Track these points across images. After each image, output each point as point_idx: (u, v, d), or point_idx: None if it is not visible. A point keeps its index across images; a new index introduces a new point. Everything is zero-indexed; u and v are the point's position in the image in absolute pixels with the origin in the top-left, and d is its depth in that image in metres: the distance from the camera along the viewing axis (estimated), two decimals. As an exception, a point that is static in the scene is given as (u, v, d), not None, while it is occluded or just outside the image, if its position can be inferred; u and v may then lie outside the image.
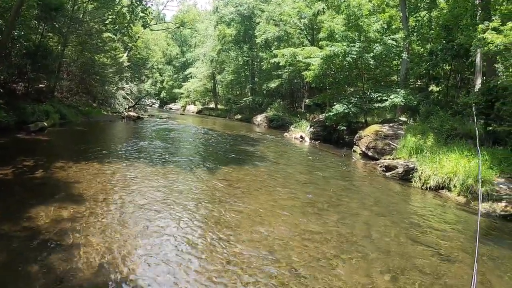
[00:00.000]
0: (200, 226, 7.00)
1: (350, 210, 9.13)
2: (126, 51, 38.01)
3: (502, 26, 12.01)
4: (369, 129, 19.43)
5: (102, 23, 27.28)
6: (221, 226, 7.08)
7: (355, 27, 21.92)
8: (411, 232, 7.94)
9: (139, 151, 14.14)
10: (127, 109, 33.69)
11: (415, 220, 8.92)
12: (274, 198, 9.39)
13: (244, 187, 10.11)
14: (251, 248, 6.25)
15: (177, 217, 7.24)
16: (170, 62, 72.82)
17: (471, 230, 8.62)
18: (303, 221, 7.83)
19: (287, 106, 38.16)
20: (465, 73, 22.66)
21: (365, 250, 6.72)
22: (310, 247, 6.54)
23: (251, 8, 40.50)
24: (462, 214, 9.92)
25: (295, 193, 10.20)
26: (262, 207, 8.48)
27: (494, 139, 13.89)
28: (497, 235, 8.60)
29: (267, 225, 7.36)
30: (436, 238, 7.79)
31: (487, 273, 6.39)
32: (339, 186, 11.66)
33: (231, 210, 7.97)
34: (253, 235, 6.80)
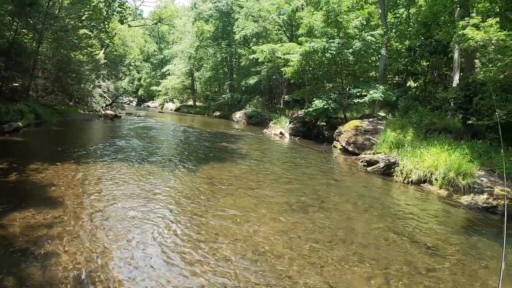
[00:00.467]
0: (183, 230, 6.70)
1: (334, 206, 9.06)
2: (102, 48, 37.27)
3: (482, 22, 12.11)
4: (348, 124, 19.51)
5: (78, 19, 26.51)
6: (205, 228, 6.85)
7: (334, 24, 21.98)
8: (397, 227, 7.94)
9: (118, 151, 13.72)
10: (104, 108, 33.06)
11: (399, 214, 8.95)
12: (257, 196, 9.20)
13: (226, 186, 9.87)
14: (237, 251, 6.03)
15: (159, 222, 6.91)
16: (148, 59, 71.90)
17: (455, 223, 8.72)
18: (289, 219, 7.72)
19: (266, 103, 38.06)
20: (443, 69, 22.97)
21: (352, 247, 6.67)
22: (297, 245, 6.45)
23: (229, 4, 40.24)
24: (445, 207, 10.01)
25: (279, 191, 10.04)
26: (246, 206, 8.29)
27: (473, 133, 14.08)
28: (481, 227, 8.68)
29: (252, 224, 7.19)
30: (422, 231, 7.81)
31: (474, 265, 6.42)
32: (322, 182, 11.58)
33: (214, 212, 7.71)
34: (239, 236, 6.60)
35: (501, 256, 5.96)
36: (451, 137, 14.20)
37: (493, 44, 11.75)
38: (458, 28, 13.22)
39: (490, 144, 12.61)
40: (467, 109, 14.31)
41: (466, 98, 14.33)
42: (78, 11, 25.82)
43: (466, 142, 13.11)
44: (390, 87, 23.05)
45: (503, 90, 13.55)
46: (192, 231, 6.64)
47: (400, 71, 25.22)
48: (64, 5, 25.43)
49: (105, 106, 33.94)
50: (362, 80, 24.49)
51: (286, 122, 26.72)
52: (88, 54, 28.97)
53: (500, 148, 11.93)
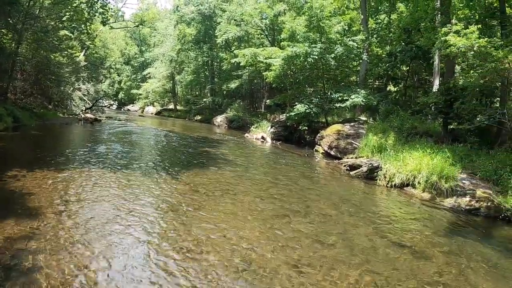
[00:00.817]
0: (166, 240, 6.50)
1: (319, 211, 9.00)
2: (83, 50, 36.64)
3: (464, 29, 12.31)
4: (330, 128, 19.55)
5: (59, 19, 26.03)
6: (188, 237, 6.70)
7: (316, 28, 22.10)
8: (382, 231, 7.95)
9: (98, 157, 13.40)
10: (84, 111, 32.46)
11: (384, 218, 8.98)
12: (241, 203, 9.09)
13: (208, 193, 9.66)
14: (222, 260, 5.90)
15: (142, 230, 6.71)
16: (129, 62, 71.05)
17: (440, 226, 8.79)
18: (273, 225, 7.62)
19: (247, 107, 38.03)
20: (423, 74, 23.31)
21: (338, 251, 6.65)
22: (282, 253, 6.37)
23: (212, 8, 40.10)
24: (429, 210, 10.10)
25: (262, 197, 9.89)
26: (229, 213, 8.16)
27: (453, 136, 14.27)
28: (465, 229, 8.79)
29: (236, 231, 7.07)
30: (407, 235, 7.85)
31: (461, 267, 6.46)
32: (305, 187, 11.53)
33: (197, 221, 7.52)
34: (223, 244, 6.46)
35: (486, 256, 6.03)
36: (432, 140, 14.37)
37: (474, 51, 11.91)
38: (440, 35, 13.40)
39: (470, 147, 12.82)
40: (448, 113, 14.50)
41: (447, 103, 14.54)
42: (59, 11, 25.32)
43: (447, 145, 13.27)
44: (371, 91, 23.29)
45: (483, 95, 13.78)
46: (175, 240, 6.49)
47: (381, 76, 25.52)
48: (45, 5, 24.91)
49: (85, 110, 33.33)
50: (344, 85, 24.63)
51: (267, 126, 26.65)
52: (68, 56, 28.38)
53: (480, 151, 12.23)
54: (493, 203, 9.88)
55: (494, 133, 13.41)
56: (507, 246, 7.99)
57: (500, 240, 8.51)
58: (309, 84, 26.12)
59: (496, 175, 10.72)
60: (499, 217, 9.70)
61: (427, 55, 18.44)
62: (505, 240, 8.48)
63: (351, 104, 20.37)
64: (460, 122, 14.32)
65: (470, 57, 12.65)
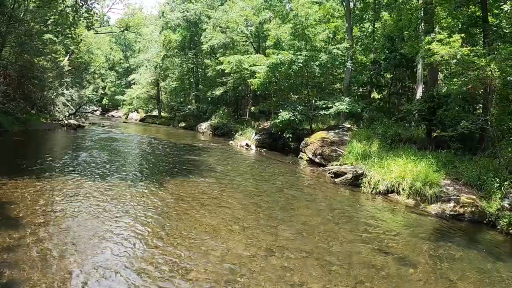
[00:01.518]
0: (149, 251, 6.34)
1: (304, 219, 8.94)
2: (67, 54, 36.07)
3: (448, 38, 12.41)
4: (315, 135, 19.55)
5: (43, 23, 25.58)
6: (173, 249, 6.52)
7: (301, 36, 22.14)
8: (367, 238, 7.90)
9: (80, 165, 13.03)
10: (67, 117, 31.94)
11: (369, 225, 8.92)
12: (225, 212, 8.93)
13: (193, 202, 9.49)
14: (206, 273, 5.74)
15: (125, 242, 6.52)
16: (113, 68, 70.35)
17: (425, 231, 8.78)
18: (259, 235, 7.50)
19: (232, 114, 37.85)
20: (406, 81, 23.53)
21: (325, 259, 6.56)
22: (269, 263, 6.26)
23: (198, 14, 39.93)
24: (414, 217, 10.12)
25: (246, 205, 9.80)
26: (214, 222, 8.00)
27: (436, 143, 14.36)
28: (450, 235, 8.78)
29: (222, 242, 6.92)
30: (392, 241, 7.82)
31: (447, 272, 6.42)
32: (290, 195, 11.45)
33: (181, 231, 7.36)
34: (208, 255, 6.32)
35: (472, 261, 5.98)
36: (416, 147, 14.44)
37: (457, 59, 12.01)
38: (424, 43, 13.49)
39: (454, 154, 12.91)
40: (431, 120, 14.60)
41: (430, 110, 14.66)
42: (44, 15, 24.93)
43: (431, 152, 13.35)
44: (355, 99, 23.38)
45: (466, 102, 13.91)
46: (157, 252, 6.34)
47: (365, 83, 25.67)
48: (30, 8, 24.50)
49: (68, 115, 32.80)
50: (328, 92, 24.76)
51: (252, 133, 26.58)
52: (52, 60, 27.94)
53: (463, 157, 12.32)
54: (477, 208, 9.93)
55: (477, 139, 13.51)
56: (492, 251, 8.01)
57: (485, 244, 8.51)
58: (294, 92, 26.19)
59: (479, 181, 10.79)
60: (484, 222, 9.74)
61: (411, 63, 18.63)
62: (490, 245, 8.49)
63: (336, 111, 20.43)
64: (443, 128, 14.43)
65: (453, 65, 12.76)
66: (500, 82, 12.14)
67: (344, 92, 23.66)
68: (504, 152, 11.62)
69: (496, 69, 11.24)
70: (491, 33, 14.94)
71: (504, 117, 12.69)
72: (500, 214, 9.45)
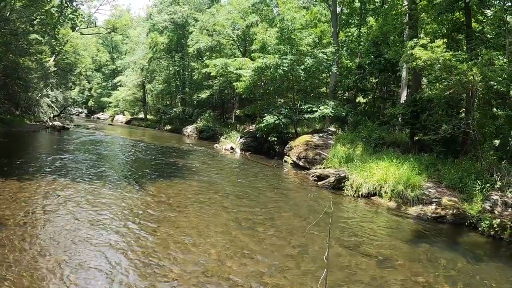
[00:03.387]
0: (132, 253, 6.23)
1: (286, 222, 8.91)
2: (53, 55, 35.60)
3: (431, 43, 12.49)
4: (299, 139, 19.52)
5: (29, 23, 25.17)
6: (155, 248, 6.47)
7: (287, 40, 22.11)
8: (349, 241, 7.88)
9: (64, 166, 12.90)
10: (51, 118, 31.50)
11: (351, 228, 8.91)
12: (209, 214, 8.87)
13: (177, 204, 9.45)
14: (186, 273, 5.68)
15: (107, 243, 6.43)
16: (99, 69, 69.48)
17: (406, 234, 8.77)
18: (241, 237, 7.45)
19: (217, 117, 37.62)
20: (391, 86, 23.65)
21: (304, 261, 6.55)
22: (249, 264, 6.20)
23: (185, 17, 39.70)
24: (396, 219, 10.10)
25: (228, 207, 9.77)
26: (197, 225, 7.94)
27: (420, 146, 14.43)
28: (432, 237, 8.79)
29: (204, 244, 6.86)
30: (374, 244, 7.81)
31: (428, 274, 6.40)
32: (273, 198, 11.41)
33: (164, 233, 7.27)
34: (189, 256, 6.27)
35: (453, 263, 5.92)
36: (399, 150, 14.49)
37: (440, 64, 12.08)
38: (406, 48, 13.55)
39: (436, 157, 13.00)
40: (414, 124, 14.67)
41: (413, 114, 14.75)
42: (30, 14, 24.54)
43: (413, 155, 13.39)
44: (340, 102, 23.47)
45: (449, 106, 13.98)
46: (139, 252, 6.25)
47: (350, 88, 25.76)
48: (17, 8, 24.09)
49: (53, 117, 32.35)
50: (313, 96, 24.81)
51: (237, 137, 26.47)
52: (38, 61, 27.55)
53: (446, 160, 12.39)
54: (459, 210, 9.97)
55: (460, 143, 13.58)
56: (474, 252, 8.05)
57: (466, 246, 8.55)
58: (279, 95, 26.16)
59: (461, 183, 10.86)
60: (465, 224, 9.79)
61: (395, 67, 18.71)
62: (471, 247, 8.53)
63: (320, 115, 20.44)
64: (426, 132, 14.50)
65: (436, 69, 12.84)
66: (482, 87, 12.28)
67: (329, 96, 23.73)
68: (486, 155, 11.76)
69: (478, 73, 11.33)
70: (474, 38, 15.07)
71: (486, 121, 12.83)
72: (481, 216, 9.52)
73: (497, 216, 9.17)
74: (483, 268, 7.06)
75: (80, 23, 34.37)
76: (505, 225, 8.87)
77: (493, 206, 9.49)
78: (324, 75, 25.37)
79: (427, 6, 16.73)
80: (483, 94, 13.14)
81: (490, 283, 6.35)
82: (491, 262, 7.50)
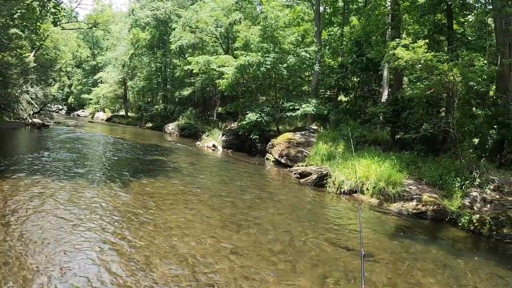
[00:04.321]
0: (114, 250, 6.19)
1: (268, 219, 8.91)
2: (33, 50, 34.86)
3: (413, 44, 12.65)
4: (281, 137, 19.56)
5: (10, 17, 24.59)
6: (135, 247, 6.40)
7: (270, 38, 22.12)
8: (332, 237, 7.92)
9: (44, 164, 12.65)
10: (31, 116, 30.88)
11: (334, 224, 8.96)
12: (191, 213, 8.81)
13: (159, 202, 9.36)
14: (171, 272, 5.62)
15: (87, 243, 6.33)
16: (80, 65, 68.14)
17: (388, 229, 8.86)
18: (223, 234, 7.42)
19: (199, 115, 37.39)
20: (372, 85, 23.92)
21: (288, 257, 6.54)
22: (233, 262, 6.17)
23: (168, 13, 39.27)
24: (377, 215, 10.23)
25: (211, 205, 9.73)
26: (179, 223, 7.87)
27: (400, 144, 14.60)
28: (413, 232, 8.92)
29: (186, 242, 6.82)
30: (356, 239, 7.81)
31: (409, 268, 6.47)
32: (255, 195, 11.39)
33: (146, 232, 7.17)
34: (172, 254, 6.22)
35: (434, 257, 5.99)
36: (381, 149, 14.66)
37: (421, 64, 12.25)
38: (389, 48, 13.70)
39: (417, 155, 13.18)
40: (395, 123, 14.84)
41: (394, 113, 14.92)
42: (11, 8, 23.95)
43: (394, 153, 13.58)
44: (322, 101, 23.64)
45: (429, 105, 14.18)
46: (122, 252, 6.18)
47: (332, 86, 25.98)
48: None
49: (33, 114, 31.69)
50: (295, 94, 24.85)
51: (219, 134, 26.39)
52: (17, 56, 26.94)
53: (426, 158, 12.58)
54: (439, 206, 10.15)
55: (440, 141, 13.79)
56: (454, 247, 8.19)
57: (447, 241, 8.70)
58: (261, 93, 26.20)
59: (441, 180, 11.06)
60: (445, 220, 9.96)
61: (377, 67, 18.89)
62: (452, 241, 8.67)
63: (302, 113, 20.51)
64: (407, 131, 14.69)
65: (418, 69, 13.01)
66: (462, 87, 12.51)
67: (311, 95, 23.85)
68: (465, 153, 12.00)
69: (458, 74, 11.52)
70: (455, 40, 15.33)
71: (465, 120, 13.07)
72: (461, 212, 9.71)
73: (477, 211, 9.37)
74: (463, 261, 7.17)
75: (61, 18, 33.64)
76: (484, 220, 9.07)
77: (472, 202, 9.68)
78: (306, 73, 25.49)
79: (410, 7, 16.97)
80: (463, 94, 13.38)
81: (470, 276, 6.48)
82: (471, 255, 7.62)
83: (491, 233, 8.92)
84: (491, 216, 9.06)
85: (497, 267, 7.06)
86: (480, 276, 6.56)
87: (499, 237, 8.77)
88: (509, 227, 8.75)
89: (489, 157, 12.06)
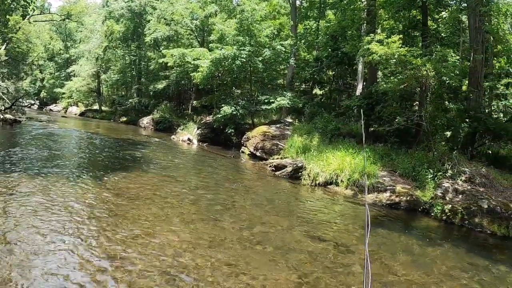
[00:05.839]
0: (89, 245, 6.04)
1: (244, 212, 8.88)
2: (4, 43, 33.88)
3: (387, 39, 12.76)
4: (256, 130, 19.53)
5: None
6: (111, 243, 6.24)
7: (246, 32, 22.02)
8: (307, 228, 7.93)
9: (17, 162, 12.22)
10: (2, 111, 29.99)
11: (309, 216, 8.98)
12: (166, 207, 8.70)
13: (133, 197, 9.17)
14: (148, 266, 5.52)
15: (61, 241, 6.10)
16: (52, 58, 65.91)
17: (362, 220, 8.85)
18: (199, 228, 7.33)
19: (174, 108, 36.95)
20: (347, 78, 24.10)
21: (265, 249, 6.53)
22: (209, 255, 6.09)
23: (142, 5, 38.57)
24: (352, 206, 10.34)
25: (188, 199, 9.63)
26: (155, 218, 7.73)
27: (375, 137, 14.75)
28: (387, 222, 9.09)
29: (162, 237, 6.69)
30: (331, 230, 7.96)
31: (384, 257, 6.54)
32: (231, 189, 11.34)
33: (121, 228, 6.97)
34: (149, 249, 6.10)
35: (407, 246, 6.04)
36: (355, 141, 14.75)
37: (395, 58, 12.38)
38: (364, 43, 13.80)
39: (391, 147, 13.35)
40: (369, 116, 14.96)
41: (369, 106, 15.05)
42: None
43: (368, 145, 13.70)
44: (297, 94, 23.68)
45: (403, 99, 14.36)
46: (98, 247, 6.04)
47: (307, 80, 26.08)
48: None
49: (4, 110, 30.81)
50: (270, 87, 24.85)
51: (194, 128, 26.17)
52: (-12, 50, 26.13)
53: (400, 151, 12.75)
54: (412, 197, 10.33)
55: (413, 134, 13.99)
56: (427, 235, 8.34)
57: (420, 230, 8.88)
58: (237, 86, 26.12)
59: (414, 172, 11.25)
60: (418, 210, 10.16)
61: (352, 61, 19.08)
62: (424, 230, 8.84)
63: (277, 106, 20.51)
64: (380, 124, 14.85)
65: (392, 64, 13.16)
66: (435, 82, 12.75)
67: (286, 88, 23.93)
68: (438, 145, 12.22)
69: (431, 69, 11.69)
70: (429, 36, 15.54)
71: (438, 114, 13.26)
72: (433, 202, 9.92)
73: (449, 202, 9.57)
74: (436, 249, 7.32)
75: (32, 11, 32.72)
76: (456, 210, 9.28)
77: (444, 193, 9.88)
78: (281, 66, 25.51)
79: (386, 3, 17.11)
80: (436, 89, 13.59)
81: (443, 263, 6.60)
82: (444, 244, 7.76)
83: (463, 222, 9.14)
84: (462, 206, 9.28)
85: (467, 254, 7.25)
86: (452, 263, 6.69)
87: (470, 226, 9.00)
88: (480, 217, 8.96)
89: (461, 149, 12.35)
